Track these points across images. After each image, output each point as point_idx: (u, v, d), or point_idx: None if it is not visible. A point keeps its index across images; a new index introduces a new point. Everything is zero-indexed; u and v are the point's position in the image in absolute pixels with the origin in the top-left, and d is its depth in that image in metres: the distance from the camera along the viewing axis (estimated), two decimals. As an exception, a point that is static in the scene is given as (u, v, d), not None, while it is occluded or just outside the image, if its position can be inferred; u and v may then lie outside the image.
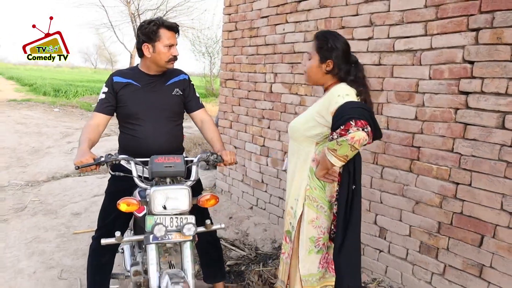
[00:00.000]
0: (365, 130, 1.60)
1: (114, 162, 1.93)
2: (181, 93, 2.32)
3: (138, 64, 2.35)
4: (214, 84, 18.39)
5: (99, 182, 4.94)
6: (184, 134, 2.48)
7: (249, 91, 3.91)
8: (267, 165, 3.74)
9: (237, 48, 4.05)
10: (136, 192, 2.00)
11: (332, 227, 1.89)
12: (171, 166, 1.81)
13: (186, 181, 1.91)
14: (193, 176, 1.96)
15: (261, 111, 3.77)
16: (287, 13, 3.40)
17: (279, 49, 3.51)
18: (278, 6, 3.48)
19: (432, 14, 2.36)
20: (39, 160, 5.96)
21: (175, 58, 2.21)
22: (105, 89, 2.25)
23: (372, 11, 2.69)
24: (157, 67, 2.22)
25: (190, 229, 1.76)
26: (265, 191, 3.79)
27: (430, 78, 2.39)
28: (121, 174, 1.91)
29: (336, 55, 1.84)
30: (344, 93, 1.76)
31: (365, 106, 1.75)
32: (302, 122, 1.91)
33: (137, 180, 1.87)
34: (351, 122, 1.60)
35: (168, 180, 1.86)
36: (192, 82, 2.43)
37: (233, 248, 3.37)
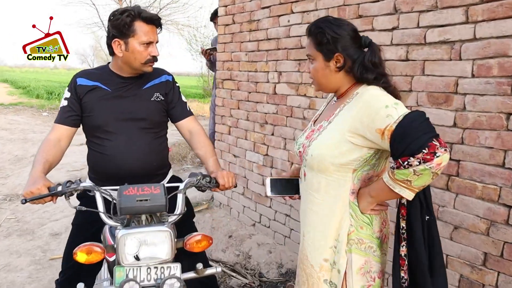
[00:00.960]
0: (448, 149, 1.20)
1: (74, 192, 1.47)
2: (163, 99, 1.87)
3: (109, 63, 1.89)
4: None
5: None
6: (169, 146, 2.03)
7: (250, 92, 3.44)
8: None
9: (235, 44, 3.58)
10: (106, 229, 1.55)
11: (402, 274, 1.42)
12: (146, 200, 1.36)
13: (168, 216, 1.46)
14: (178, 209, 1.51)
15: (264, 115, 3.30)
16: (292, 2, 2.93)
17: (284, 44, 3.04)
18: (281, -6, 3.02)
19: (476, -5, 1.90)
20: (21, 170, 5.49)
21: (154, 59, 1.76)
22: (67, 94, 1.79)
23: (397, -5, 2.23)
24: (131, 69, 1.78)
25: (173, 286, 1.30)
26: (269, 207, 3.33)
27: (474, 76, 1.94)
28: (83, 208, 1.45)
29: (342, 45, 1.39)
30: (392, 102, 1.29)
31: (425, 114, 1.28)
32: (329, 147, 1.40)
33: (104, 217, 1.43)
34: (434, 142, 1.18)
35: (143, 217, 1.41)
36: (177, 84, 1.97)
37: (233, 274, 2.92)
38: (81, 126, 1.86)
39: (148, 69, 1.79)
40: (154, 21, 1.75)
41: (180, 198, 1.54)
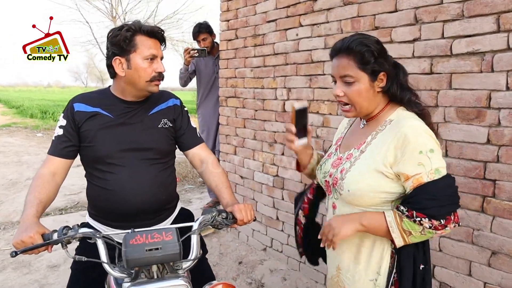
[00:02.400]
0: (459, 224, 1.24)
1: (72, 240, 1.29)
2: (171, 125, 1.70)
3: (109, 86, 1.71)
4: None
5: (83, 221, 4.27)
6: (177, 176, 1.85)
7: (256, 110, 3.28)
8: (283, 199, 3.09)
9: (239, 59, 3.43)
10: (111, 279, 1.36)
11: None
12: (157, 249, 1.18)
13: (182, 263, 1.28)
14: (193, 253, 1.33)
15: (273, 134, 3.13)
16: (300, 15, 2.79)
17: (292, 59, 2.89)
18: (288, 7, 2.87)
19: (509, 2, 1.76)
20: (15, 196, 5.26)
21: (160, 76, 1.58)
22: (63, 122, 1.61)
23: (418, 4, 2.09)
24: (136, 91, 1.60)
25: None
26: (282, 230, 3.14)
27: (508, 89, 1.79)
28: (83, 259, 1.27)
29: (387, 64, 1.29)
30: (428, 147, 1.20)
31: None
32: (367, 182, 1.27)
33: (108, 268, 1.25)
34: (451, 216, 1.20)
35: (154, 268, 1.23)
36: (185, 109, 1.80)
37: (247, 306, 2.72)
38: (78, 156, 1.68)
39: (154, 89, 1.61)
40: (156, 34, 1.58)
41: (194, 240, 1.36)
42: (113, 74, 1.61)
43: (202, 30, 4.07)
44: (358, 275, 1.35)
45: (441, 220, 1.18)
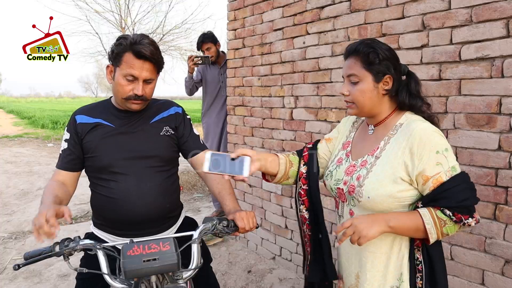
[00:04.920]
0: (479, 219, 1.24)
1: (73, 252, 1.30)
2: (173, 132, 1.70)
3: (111, 97, 1.72)
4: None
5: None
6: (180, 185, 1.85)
7: (264, 118, 3.28)
8: (291, 207, 3.07)
9: (246, 68, 3.44)
10: None
11: None
12: (154, 259, 1.18)
13: (182, 272, 1.27)
14: (194, 263, 1.33)
15: (281, 142, 3.12)
16: (307, 23, 2.79)
17: (299, 67, 2.89)
18: (295, 15, 2.88)
19: (518, 7, 1.74)
20: (27, 205, 5.31)
21: (136, 97, 1.54)
22: (67, 135, 1.63)
23: (425, 10, 2.08)
24: (120, 102, 1.61)
25: None
26: (291, 239, 3.12)
27: (519, 94, 1.77)
28: (85, 270, 1.27)
29: (393, 67, 1.31)
30: (442, 146, 1.22)
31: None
32: (386, 187, 1.26)
33: (109, 279, 1.26)
34: (470, 216, 1.21)
35: (153, 279, 1.24)
36: (188, 116, 1.79)
37: (257, 316, 2.69)
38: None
39: (132, 107, 1.58)
40: (146, 57, 1.51)
41: (195, 249, 1.35)
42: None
43: (206, 40, 4.11)
44: (377, 282, 1.33)
45: (474, 211, 1.21)
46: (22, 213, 5.03)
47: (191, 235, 1.39)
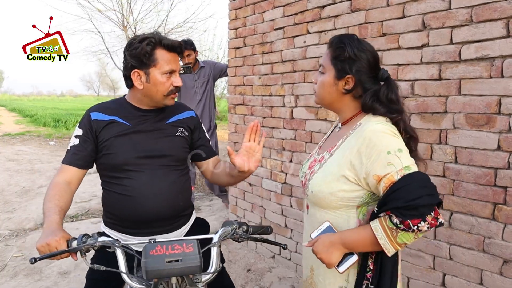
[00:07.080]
0: (441, 222, 1.12)
1: (91, 249, 1.29)
2: (187, 134, 1.72)
3: (125, 95, 1.73)
4: (218, 106, 17.86)
5: (94, 228, 4.30)
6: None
7: (265, 117, 3.28)
8: (291, 206, 3.08)
9: (247, 67, 3.44)
10: None
11: None
12: (177, 260, 1.16)
13: (201, 276, 1.27)
14: (213, 266, 1.32)
15: (281, 141, 3.13)
16: (307, 22, 2.80)
17: (300, 66, 2.89)
18: (296, 14, 2.88)
19: (518, 7, 1.74)
20: (28, 203, 5.32)
21: (176, 89, 1.61)
22: (79, 131, 1.62)
23: (425, 10, 2.08)
24: (152, 102, 1.63)
25: None
26: (290, 238, 3.12)
27: (519, 94, 1.77)
28: (102, 268, 1.26)
29: (358, 69, 1.29)
30: (395, 147, 1.17)
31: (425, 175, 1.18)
32: (329, 184, 1.27)
33: (127, 279, 1.25)
34: (427, 216, 1.10)
35: (173, 280, 1.22)
36: (200, 121, 1.84)
37: (256, 314, 2.69)
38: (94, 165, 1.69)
39: (170, 102, 1.64)
40: (176, 49, 1.60)
41: (214, 253, 1.34)
42: (130, 85, 1.63)
43: (187, 46, 4.35)
44: (328, 279, 1.34)
45: (432, 213, 1.10)
46: (23, 210, 5.04)
47: (211, 238, 1.38)
